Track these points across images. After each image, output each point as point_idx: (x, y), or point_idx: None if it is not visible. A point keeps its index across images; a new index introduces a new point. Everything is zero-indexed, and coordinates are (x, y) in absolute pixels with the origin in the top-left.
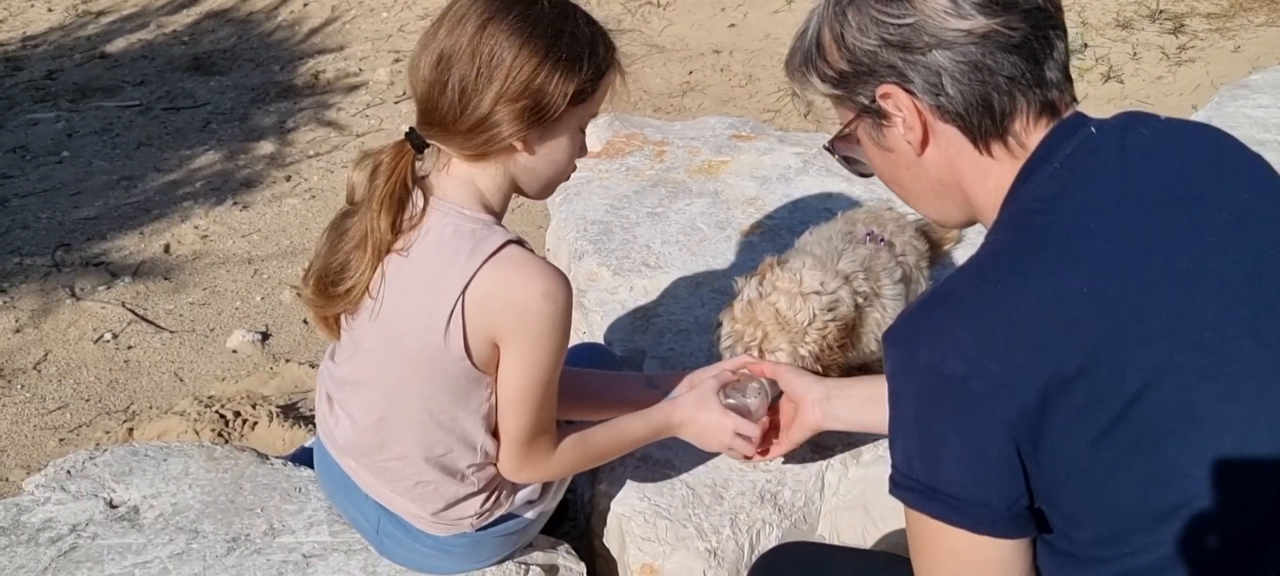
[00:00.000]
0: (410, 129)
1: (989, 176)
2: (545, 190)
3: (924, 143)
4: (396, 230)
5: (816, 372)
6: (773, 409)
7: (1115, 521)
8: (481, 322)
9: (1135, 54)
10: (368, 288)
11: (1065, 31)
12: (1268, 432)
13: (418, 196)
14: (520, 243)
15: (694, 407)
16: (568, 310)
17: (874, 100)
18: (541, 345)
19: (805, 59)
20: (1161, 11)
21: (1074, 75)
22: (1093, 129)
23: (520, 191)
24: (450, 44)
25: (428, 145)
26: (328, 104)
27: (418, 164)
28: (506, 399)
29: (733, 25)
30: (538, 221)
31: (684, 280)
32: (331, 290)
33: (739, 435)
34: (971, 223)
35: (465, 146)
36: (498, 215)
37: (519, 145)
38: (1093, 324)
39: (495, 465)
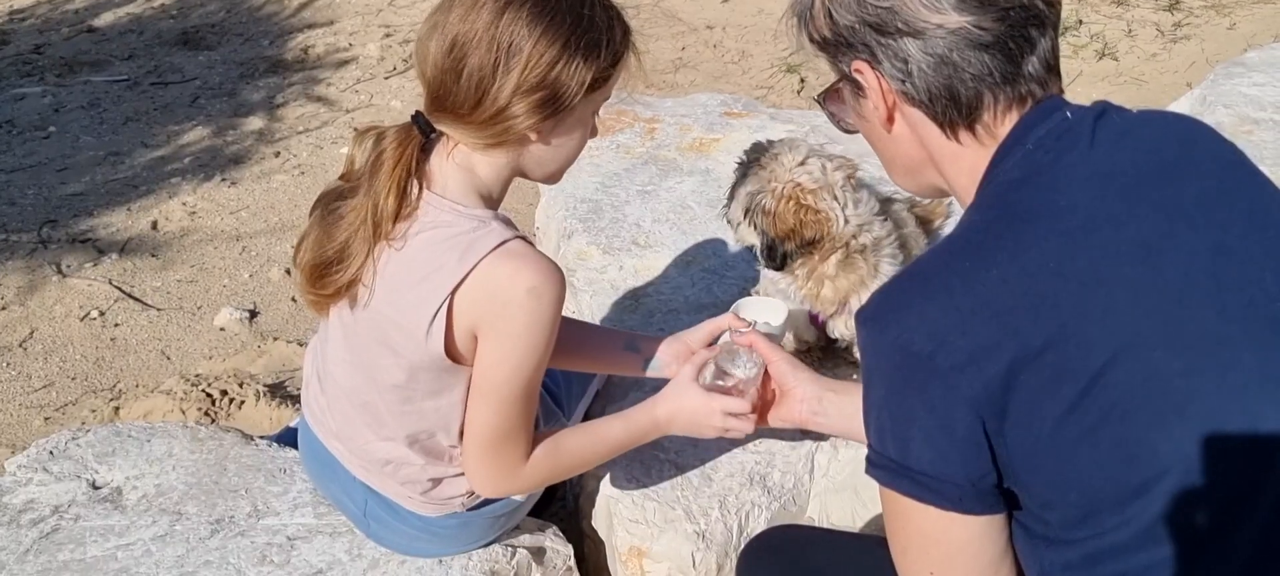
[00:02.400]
0: (417, 113)
1: (960, 159)
2: (554, 177)
3: (889, 120)
4: (398, 218)
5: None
6: (764, 382)
7: (1085, 500)
8: (466, 315)
9: (1130, 31)
10: (363, 272)
11: (1055, 26)
12: (1234, 406)
13: (413, 185)
14: (519, 237)
15: (676, 397)
16: (554, 309)
17: (850, 71)
18: (517, 340)
19: (799, 16)
20: None
21: (1068, 52)
22: (1067, 113)
23: (525, 176)
24: (465, 29)
25: (435, 131)
26: (317, 79)
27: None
28: (476, 390)
29: (726, 1)
30: (528, 199)
31: (674, 259)
32: (328, 277)
33: (730, 414)
34: (944, 196)
35: (479, 136)
36: (496, 203)
37: (533, 136)
38: (1058, 299)
39: None
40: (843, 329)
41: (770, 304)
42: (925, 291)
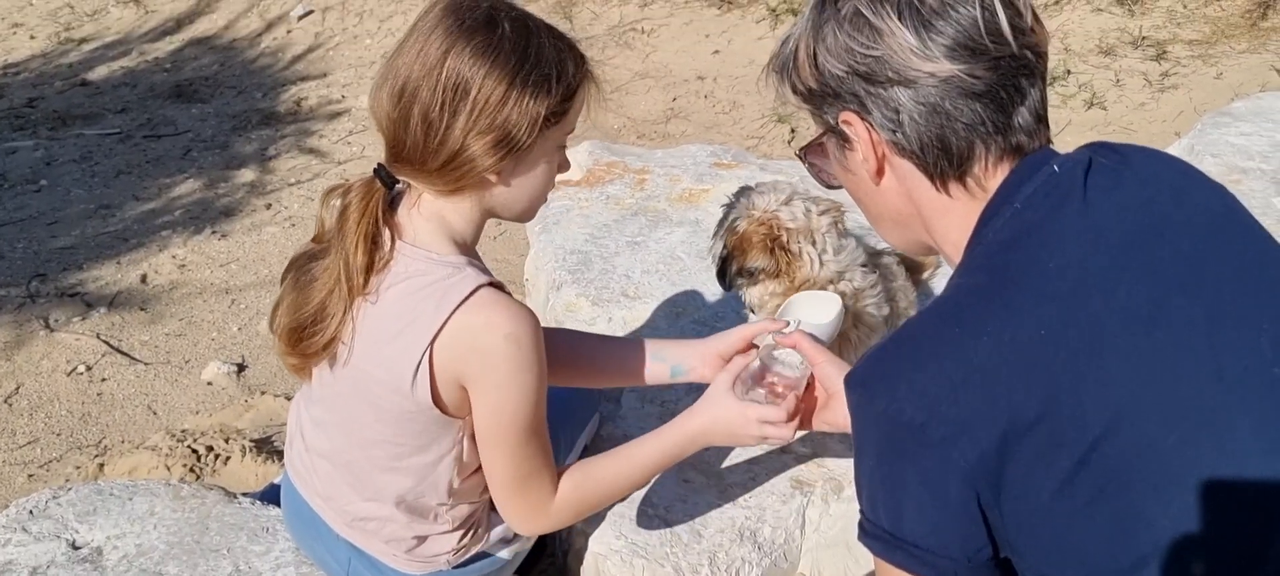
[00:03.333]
0: (379, 165)
1: (949, 214)
2: (525, 215)
3: (879, 172)
4: (370, 271)
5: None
6: (808, 388)
7: (1084, 572)
8: (448, 368)
9: (1118, 80)
10: (341, 332)
11: (1043, 77)
12: (1233, 475)
13: (386, 236)
14: (492, 284)
15: (711, 408)
16: (534, 351)
17: (837, 122)
18: (507, 388)
19: (782, 67)
20: (1144, 38)
21: (1057, 102)
22: (1055, 167)
23: (497, 216)
24: (410, 74)
25: (397, 182)
26: (310, 131)
27: (388, 199)
28: (483, 442)
29: (717, 52)
30: (519, 249)
31: (663, 310)
32: (308, 340)
33: (767, 421)
34: (931, 253)
35: (438, 183)
36: (470, 247)
37: (493, 178)
38: (1052, 368)
39: (468, 503)
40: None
41: (823, 299)
42: (915, 359)
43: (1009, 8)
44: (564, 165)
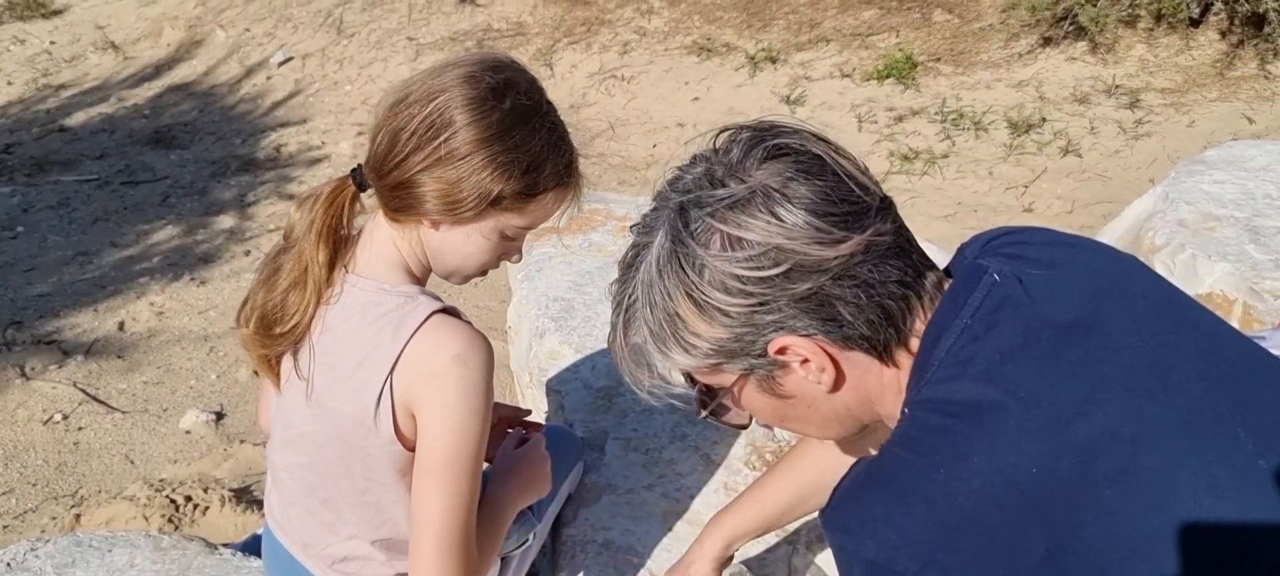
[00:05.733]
0: (356, 166)
1: (898, 379)
2: (453, 276)
3: (838, 381)
4: (333, 266)
5: None
6: None
7: None
8: (404, 395)
9: (1093, 128)
10: (309, 328)
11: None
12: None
13: (346, 233)
14: (446, 310)
15: None
16: (482, 373)
17: (764, 354)
18: (452, 410)
19: (660, 340)
20: (1118, 87)
21: (1033, 149)
22: (995, 277)
23: (429, 265)
24: (414, 93)
25: (367, 186)
26: (289, 177)
27: (358, 205)
28: (422, 472)
29: (696, 99)
30: (500, 296)
31: None
32: (273, 331)
33: None
34: (868, 432)
35: (385, 199)
36: (422, 278)
37: (427, 223)
38: (1049, 507)
39: None
40: None
41: None
42: (902, 502)
43: (845, 156)
44: (511, 254)
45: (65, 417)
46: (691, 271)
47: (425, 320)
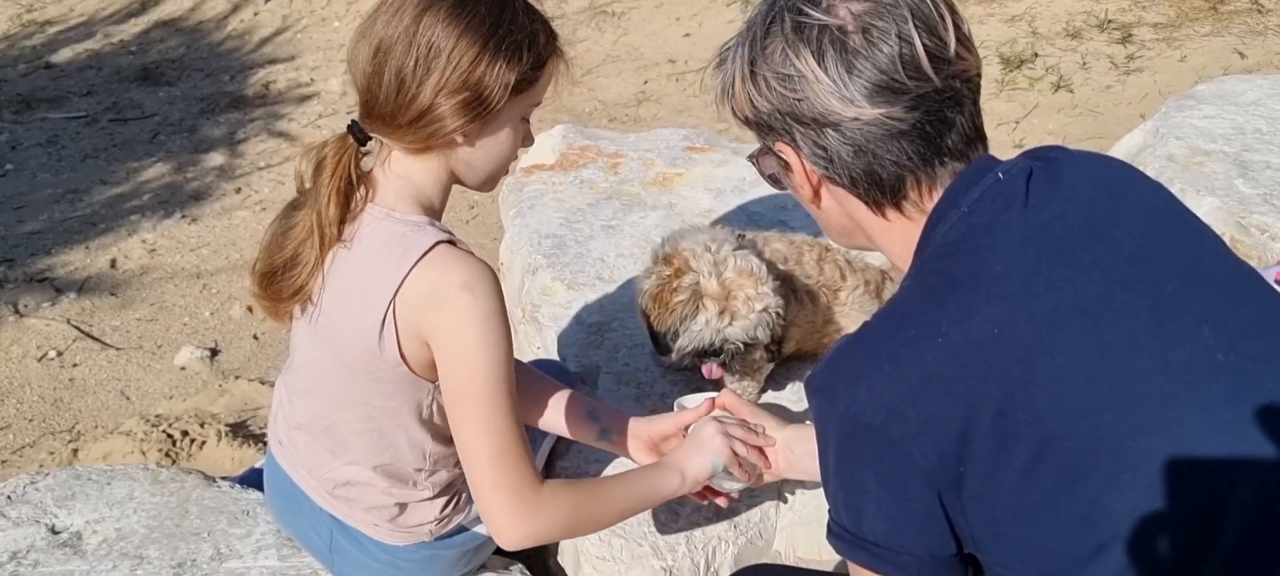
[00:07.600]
0: (352, 121)
1: (891, 231)
2: (487, 183)
3: (816, 197)
4: (342, 222)
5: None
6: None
7: (1046, 564)
8: (410, 322)
9: (1085, 63)
10: (312, 284)
11: (974, 101)
12: (1183, 461)
13: (359, 191)
14: (451, 241)
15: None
16: (492, 300)
17: (774, 149)
18: (464, 336)
19: (723, 92)
20: (1110, 21)
21: (1025, 84)
22: (1000, 174)
23: (460, 182)
24: (388, 33)
25: (370, 138)
26: (279, 114)
27: (362, 156)
28: (452, 411)
29: (687, 35)
30: (493, 233)
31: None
32: (281, 285)
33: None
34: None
35: (406, 140)
36: (437, 211)
37: (460, 138)
38: (1006, 366)
39: (447, 470)
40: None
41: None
42: (873, 360)
43: (931, 37)
44: (528, 139)
45: (60, 354)
46: (752, 62)
47: (430, 249)
